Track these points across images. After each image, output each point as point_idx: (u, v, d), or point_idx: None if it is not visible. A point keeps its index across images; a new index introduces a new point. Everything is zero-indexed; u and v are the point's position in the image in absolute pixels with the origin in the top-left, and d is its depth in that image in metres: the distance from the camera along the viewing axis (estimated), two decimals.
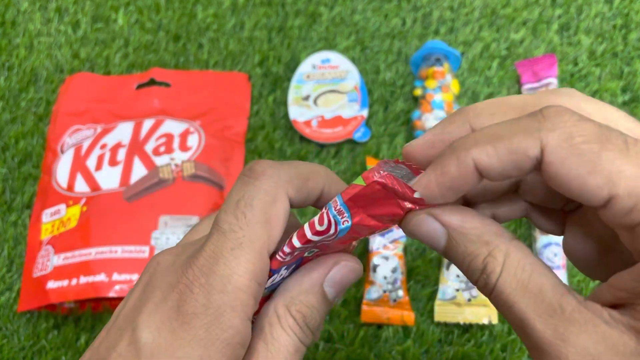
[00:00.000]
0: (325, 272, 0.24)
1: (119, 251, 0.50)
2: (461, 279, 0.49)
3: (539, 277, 0.20)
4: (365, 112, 0.58)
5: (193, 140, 0.56)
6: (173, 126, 0.57)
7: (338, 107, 0.58)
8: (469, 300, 0.48)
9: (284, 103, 0.61)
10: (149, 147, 0.55)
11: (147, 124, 0.57)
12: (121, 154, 0.55)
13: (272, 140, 0.59)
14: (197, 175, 0.54)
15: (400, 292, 0.49)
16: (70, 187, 0.54)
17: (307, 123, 0.58)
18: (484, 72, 0.62)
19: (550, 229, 0.25)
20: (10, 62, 0.64)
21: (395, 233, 0.51)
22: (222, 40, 0.65)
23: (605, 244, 0.23)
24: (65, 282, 0.50)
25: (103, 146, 0.56)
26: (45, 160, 0.58)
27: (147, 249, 0.50)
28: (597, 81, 0.61)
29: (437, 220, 0.22)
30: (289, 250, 0.23)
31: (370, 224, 0.23)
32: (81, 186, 0.54)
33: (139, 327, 0.21)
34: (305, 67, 0.61)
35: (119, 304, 0.24)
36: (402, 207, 0.22)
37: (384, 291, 0.49)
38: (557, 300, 0.19)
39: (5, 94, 0.62)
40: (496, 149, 0.20)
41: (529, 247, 0.52)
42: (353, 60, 0.62)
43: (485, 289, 0.21)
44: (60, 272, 0.50)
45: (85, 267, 0.50)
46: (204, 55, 0.64)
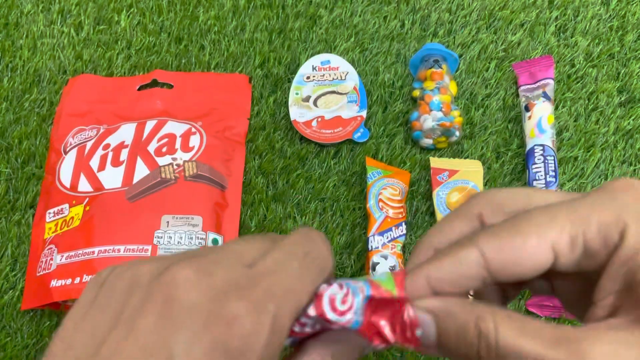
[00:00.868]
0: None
1: (121, 250, 0.51)
2: None
3: (531, 321, 0.21)
4: (364, 113, 0.59)
5: (195, 141, 0.57)
6: (175, 127, 0.58)
7: (338, 108, 0.59)
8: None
9: (284, 104, 0.61)
10: (152, 148, 0.56)
11: (150, 124, 0.58)
12: (124, 154, 0.56)
13: (273, 140, 0.59)
14: (199, 175, 0.55)
15: None
16: (74, 187, 0.55)
17: (307, 124, 0.58)
18: (482, 73, 0.62)
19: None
20: (13, 63, 0.65)
21: (395, 232, 0.52)
22: (223, 42, 0.65)
23: (584, 283, 0.25)
24: (68, 281, 0.50)
25: (106, 146, 0.57)
26: (49, 160, 0.58)
27: (149, 248, 0.51)
28: (593, 82, 0.61)
29: (422, 310, 0.23)
30: (303, 320, 0.23)
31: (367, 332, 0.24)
32: (84, 186, 0.55)
33: (178, 356, 0.20)
34: (305, 68, 0.61)
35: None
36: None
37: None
38: (558, 332, 0.20)
39: (9, 94, 0.63)
40: (442, 261, 0.23)
41: None
42: (352, 61, 0.63)
43: (489, 350, 0.21)
44: (63, 271, 0.51)
45: (88, 266, 0.50)
46: (206, 56, 0.64)
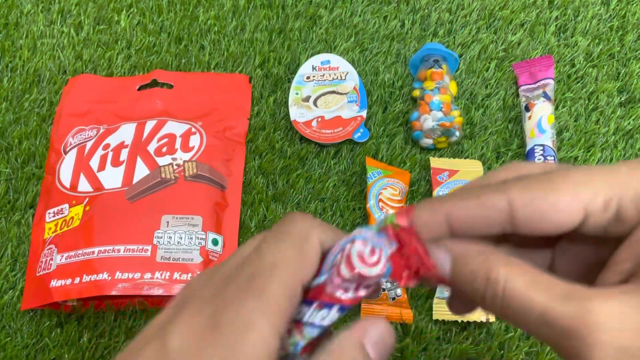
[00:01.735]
0: (363, 332, 0.24)
1: (121, 250, 0.51)
2: None
3: (543, 275, 0.21)
4: (364, 113, 0.59)
5: (195, 141, 0.57)
6: (175, 127, 0.58)
7: (338, 108, 0.59)
8: None
9: (284, 104, 0.61)
10: (152, 148, 0.56)
11: (150, 124, 0.58)
12: (124, 155, 0.56)
13: (273, 140, 0.59)
14: (199, 175, 0.55)
15: (399, 290, 0.50)
16: (74, 187, 0.55)
17: (307, 124, 0.58)
18: (482, 73, 0.62)
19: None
20: (13, 63, 0.65)
21: None
22: (223, 42, 0.65)
23: (589, 259, 0.25)
24: (68, 281, 0.50)
25: (106, 146, 0.57)
26: (49, 160, 0.58)
27: (149, 248, 0.51)
28: (593, 82, 0.61)
29: (442, 248, 0.24)
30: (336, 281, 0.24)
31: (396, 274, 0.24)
32: (84, 186, 0.55)
33: (170, 333, 0.22)
34: (305, 68, 0.61)
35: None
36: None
37: (383, 289, 0.50)
38: (568, 288, 0.20)
39: (9, 95, 0.63)
40: (468, 202, 0.23)
41: None
42: (352, 62, 0.63)
43: (495, 297, 0.22)
44: (63, 271, 0.51)
45: (88, 266, 0.50)
46: (206, 56, 0.64)
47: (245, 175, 0.58)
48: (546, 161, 0.55)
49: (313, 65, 0.61)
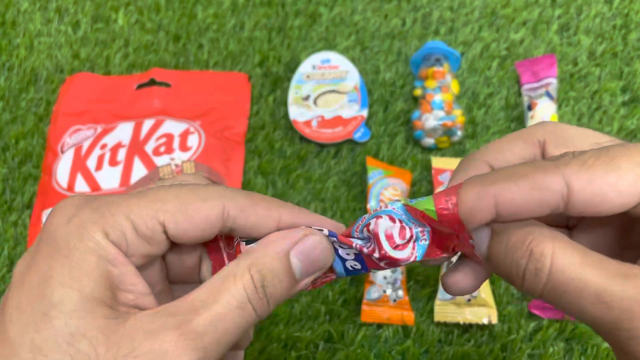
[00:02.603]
0: (293, 242, 0.23)
1: None
2: None
3: (594, 253, 0.20)
4: (365, 112, 0.58)
5: (193, 141, 0.56)
6: (173, 126, 0.57)
7: (338, 107, 0.58)
8: (469, 300, 0.48)
9: (284, 103, 0.61)
10: (149, 147, 0.55)
11: (148, 124, 0.57)
12: (121, 154, 0.55)
13: (272, 140, 0.59)
14: None
15: (400, 292, 0.50)
16: (71, 187, 0.55)
17: (307, 123, 0.58)
18: (484, 72, 0.62)
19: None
20: (10, 62, 0.64)
21: None
22: (222, 40, 0.65)
23: (609, 239, 0.23)
24: None
25: (103, 146, 0.56)
26: (46, 160, 0.58)
27: None
28: (596, 81, 0.61)
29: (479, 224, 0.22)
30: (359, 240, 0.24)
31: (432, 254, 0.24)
32: (81, 186, 0.54)
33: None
34: (305, 67, 0.61)
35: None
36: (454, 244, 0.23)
37: (384, 291, 0.49)
38: (624, 267, 0.19)
39: (6, 94, 0.62)
40: (519, 184, 0.20)
41: None
42: (353, 60, 0.63)
43: (539, 274, 0.20)
44: None
45: None
46: (204, 55, 0.64)
47: (245, 175, 0.57)
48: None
49: (313, 64, 0.61)
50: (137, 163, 0.55)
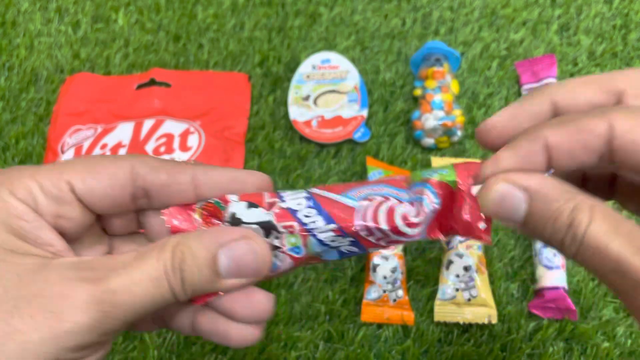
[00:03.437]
0: (228, 240, 0.23)
1: None
2: (461, 279, 0.49)
3: (626, 222, 0.20)
4: (365, 112, 0.58)
5: (193, 141, 0.56)
6: (173, 126, 0.57)
7: (338, 107, 0.58)
8: (469, 300, 0.48)
9: (284, 103, 0.61)
10: (149, 147, 0.56)
11: (148, 124, 0.57)
12: (121, 154, 0.55)
13: (272, 140, 0.59)
14: None
15: (400, 292, 0.50)
16: None
17: (307, 123, 0.58)
18: (484, 72, 0.62)
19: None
20: (10, 62, 0.64)
21: None
22: (222, 40, 0.65)
23: None
24: None
25: (103, 146, 0.56)
26: (46, 160, 0.58)
27: None
28: None
29: (516, 186, 0.22)
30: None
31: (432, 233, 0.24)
32: None
33: None
34: (305, 67, 0.61)
35: None
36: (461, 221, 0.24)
37: (384, 291, 0.49)
38: None
39: (6, 94, 0.62)
40: (566, 127, 0.21)
41: (529, 246, 0.52)
42: (353, 60, 0.63)
43: (574, 241, 0.21)
44: None
45: None
46: (204, 55, 0.64)
47: None
48: None
49: (313, 64, 0.61)
50: None
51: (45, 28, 0.66)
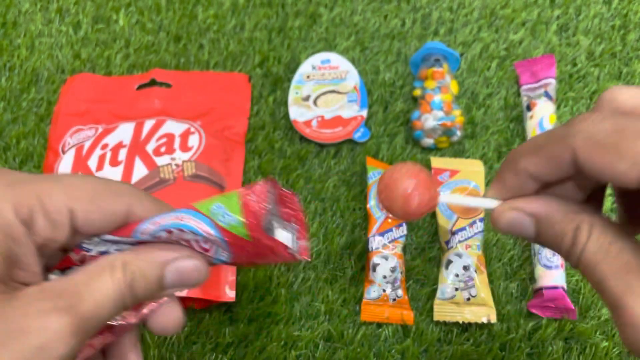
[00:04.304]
0: (174, 257, 0.25)
1: None
2: (460, 278, 0.49)
3: (620, 241, 0.22)
4: (364, 113, 0.58)
5: (194, 141, 0.57)
6: (174, 126, 0.57)
7: (338, 107, 0.59)
8: (468, 299, 0.49)
9: (284, 103, 0.61)
10: (150, 147, 0.56)
11: (148, 124, 0.57)
12: (122, 154, 0.55)
13: (272, 140, 0.59)
14: (198, 175, 0.54)
15: (400, 292, 0.50)
16: None
17: (307, 123, 0.58)
18: (483, 72, 0.62)
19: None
20: (11, 62, 0.64)
21: (395, 233, 0.52)
22: (222, 41, 0.65)
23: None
24: None
25: (104, 146, 0.56)
26: (47, 160, 0.58)
27: None
28: (595, 82, 0.61)
29: (523, 213, 0.25)
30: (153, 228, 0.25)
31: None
32: None
33: None
34: (305, 67, 0.61)
35: None
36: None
37: (384, 290, 0.50)
38: (630, 263, 0.21)
39: (7, 94, 0.62)
40: (538, 155, 0.24)
41: (528, 245, 0.52)
42: (353, 60, 0.63)
43: (573, 259, 0.23)
44: None
45: None
46: (205, 55, 0.64)
47: (245, 175, 0.57)
48: None
49: (313, 64, 0.61)
50: (138, 163, 0.55)
51: (46, 28, 0.66)
